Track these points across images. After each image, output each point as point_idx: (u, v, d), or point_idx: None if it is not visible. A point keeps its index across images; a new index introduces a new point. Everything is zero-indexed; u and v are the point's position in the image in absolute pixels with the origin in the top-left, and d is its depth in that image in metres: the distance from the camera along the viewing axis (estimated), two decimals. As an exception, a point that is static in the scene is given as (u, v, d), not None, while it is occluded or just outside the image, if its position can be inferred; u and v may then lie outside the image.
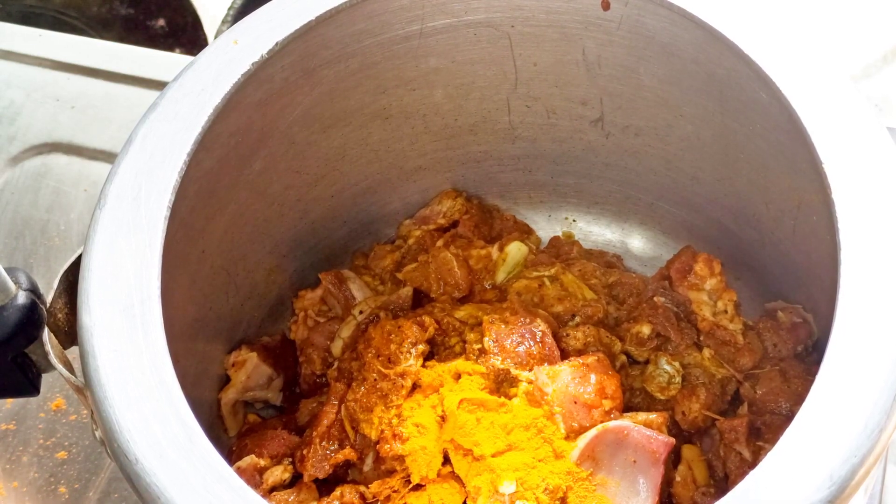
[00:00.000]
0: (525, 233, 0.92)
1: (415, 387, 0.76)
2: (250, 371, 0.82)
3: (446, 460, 0.71)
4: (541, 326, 0.77)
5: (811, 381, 0.55)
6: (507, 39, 0.80)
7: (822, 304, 0.72)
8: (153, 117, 0.68)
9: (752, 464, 0.71)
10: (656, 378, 0.78)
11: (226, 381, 0.82)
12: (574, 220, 0.94)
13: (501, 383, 0.74)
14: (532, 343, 0.76)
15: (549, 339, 0.76)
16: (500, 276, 0.86)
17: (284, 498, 0.74)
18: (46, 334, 0.63)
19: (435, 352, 0.80)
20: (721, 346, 0.79)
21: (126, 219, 0.64)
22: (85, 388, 0.60)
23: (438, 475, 0.71)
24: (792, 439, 0.54)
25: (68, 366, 0.64)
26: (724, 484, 0.75)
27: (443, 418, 0.73)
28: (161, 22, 1.43)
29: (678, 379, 0.77)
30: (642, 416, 0.73)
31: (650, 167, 0.87)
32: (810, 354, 0.79)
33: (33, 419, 0.93)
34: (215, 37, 1.10)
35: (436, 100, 0.85)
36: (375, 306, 0.83)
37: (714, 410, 0.77)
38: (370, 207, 0.91)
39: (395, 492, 0.71)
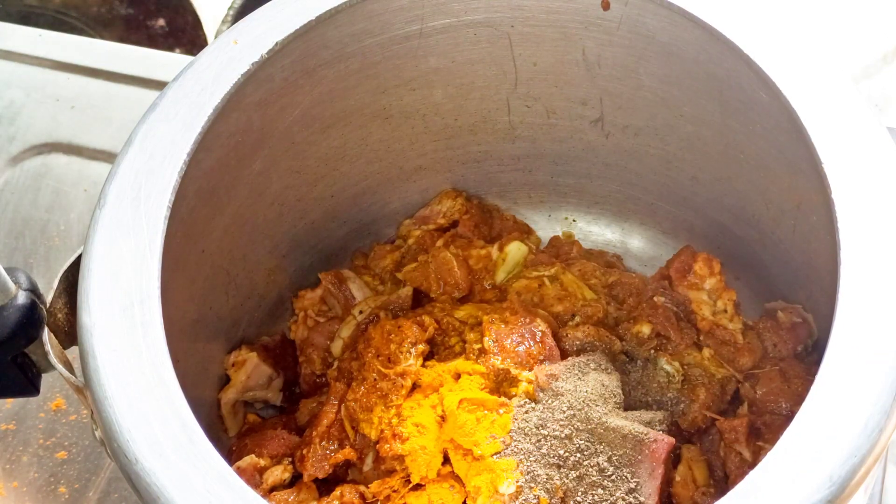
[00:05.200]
0: (525, 233, 0.92)
1: (415, 387, 0.76)
2: (250, 371, 0.82)
3: (446, 460, 0.71)
4: (541, 326, 0.77)
5: (811, 381, 0.55)
6: (506, 39, 0.80)
7: (822, 304, 0.72)
8: (153, 117, 0.69)
9: (752, 464, 0.71)
10: (656, 378, 0.78)
11: (226, 381, 0.82)
12: (574, 220, 0.94)
13: (501, 383, 0.74)
14: (532, 343, 0.76)
15: (549, 339, 0.76)
16: (500, 276, 0.86)
17: (284, 498, 0.74)
18: (46, 334, 0.63)
19: (435, 352, 0.80)
20: (721, 345, 0.79)
21: (126, 219, 0.64)
22: (85, 388, 0.60)
23: (438, 475, 0.71)
24: (792, 439, 0.54)
25: (68, 366, 0.64)
26: (724, 484, 0.75)
27: (443, 418, 0.73)
28: (161, 22, 1.43)
29: (678, 379, 0.77)
30: (642, 415, 0.73)
31: (650, 167, 0.87)
32: (810, 354, 0.79)
33: (33, 419, 0.93)
34: (215, 37, 1.10)
35: (436, 100, 0.85)
36: (375, 306, 0.83)
37: (714, 410, 0.77)
38: (370, 207, 0.91)
39: (394, 491, 0.71)
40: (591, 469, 0.69)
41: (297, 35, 0.72)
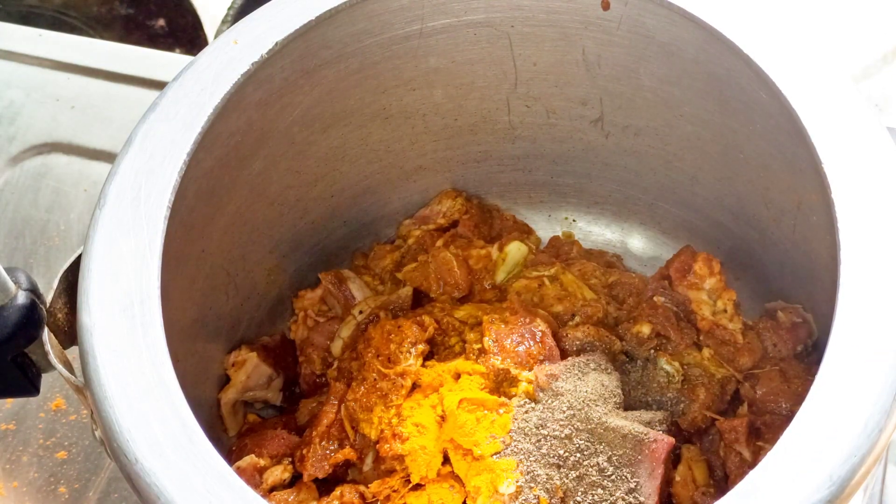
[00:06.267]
0: (525, 233, 0.92)
1: (415, 386, 0.76)
2: (250, 371, 0.82)
3: (446, 460, 0.71)
4: (541, 326, 0.77)
5: (811, 381, 0.55)
6: (506, 39, 0.80)
7: (822, 304, 0.72)
8: (153, 117, 0.69)
9: (752, 464, 0.71)
10: (656, 378, 0.78)
11: (226, 381, 0.82)
12: (574, 220, 0.94)
13: (501, 383, 0.74)
14: (532, 343, 0.76)
15: (549, 339, 0.76)
16: (500, 276, 0.86)
17: (284, 498, 0.74)
18: (46, 334, 0.63)
19: (435, 352, 0.80)
20: (721, 345, 0.79)
21: (126, 219, 0.64)
22: (85, 388, 0.60)
23: (438, 475, 0.71)
24: (792, 439, 0.54)
25: (68, 366, 0.64)
26: (724, 484, 0.75)
27: (443, 418, 0.73)
28: (161, 22, 1.43)
29: (678, 379, 0.77)
30: (642, 415, 0.73)
31: (650, 167, 0.87)
32: (810, 354, 0.79)
33: (33, 419, 0.93)
34: (215, 37, 1.10)
35: (436, 100, 0.85)
36: (375, 306, 0.83)
37: (714, 410, 0.77)
38: (370, 207, 0.91)
39: (394, 491, 0.71)
40: (590, 469, 0.69)
41: (297, 35, 0.72)
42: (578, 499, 0.68)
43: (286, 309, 0.89)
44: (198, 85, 0.70)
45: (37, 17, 1.40)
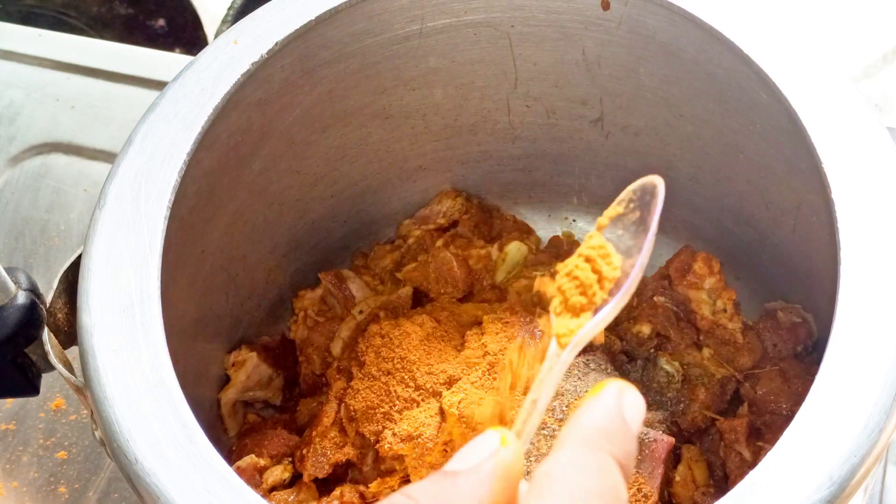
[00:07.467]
0: (525, 233, 0.92)
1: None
2: (250, 371, 0.82)
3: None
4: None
5: (811, 381, 0.55)
6: (506, 39, 0.80)
7: (822, 304, 0.72)
8: (153, 117, 0.68)
9: (752, 464, 0.71)
10: (656, 378, 0.78)
11: (226, 381, 0.82)
12: (574, 220, 0.94)
13: (501, 383, 0.74)
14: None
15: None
16: (500, 276, 0.86)
17: (284, 498, 0.74)
18: (46, 334, 0.63)
19: (435, 352, 0.80)
20: (721, 345, 0.79)
21: (126, 219, 0.64)
22: (85, 388, 0.60)
23: (438, 475, 0.71)
24: (792, 439, 0.54)
25: (68, 366, 0.64)
26: (723, 484, 0.75)
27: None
28: (161, 22, 1.42)
29: (678, 379, 0.77)
30: (642, 416, 0.73)
31: (650, 167, 0.86)
32: (810, 354, 0.79)
33: (33, 419, 0.93)
34: (215, 37, 1.10)
35: (436, 100, 0.85)
36: (375, 306, 0.83)
37: (714, 410, 0.77)
38: (370, 207, 0.91)
39: (394, 491, 0.71)
40: (591, 469, 0.68)
41: (297, 35, 0.72)
42: None
43: (286, 309, 0.88)
44: (198, 85, 0.70)
45: (37, 17, 1.40)
